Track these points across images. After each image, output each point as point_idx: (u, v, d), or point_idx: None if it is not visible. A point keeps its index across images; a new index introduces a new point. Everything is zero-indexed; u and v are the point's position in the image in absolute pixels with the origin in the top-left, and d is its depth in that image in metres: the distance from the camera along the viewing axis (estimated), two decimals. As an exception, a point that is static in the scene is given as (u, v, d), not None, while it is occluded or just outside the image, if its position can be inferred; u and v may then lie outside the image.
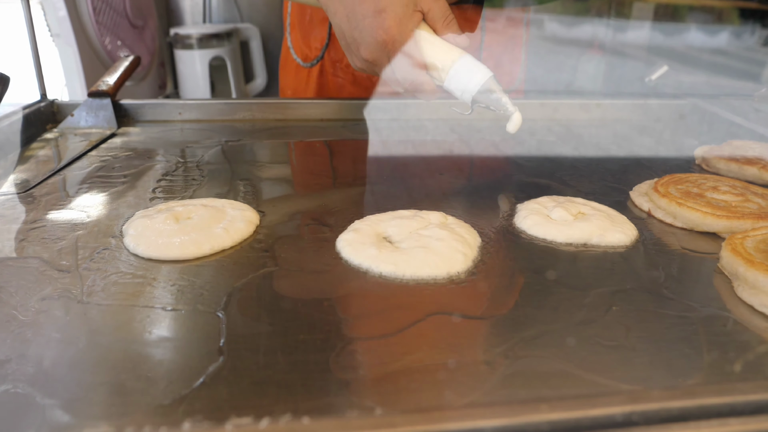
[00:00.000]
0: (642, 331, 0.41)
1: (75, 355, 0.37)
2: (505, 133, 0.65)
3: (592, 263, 0.50)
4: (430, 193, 0.67)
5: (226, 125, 0.94)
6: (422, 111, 0.98)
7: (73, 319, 0.40)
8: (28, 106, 0.87)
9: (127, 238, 0.51)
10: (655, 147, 0.89)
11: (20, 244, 0.51)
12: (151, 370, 0.35)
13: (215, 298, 0.43)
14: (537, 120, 0.99)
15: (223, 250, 0.50)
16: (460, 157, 0.79)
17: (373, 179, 0.72)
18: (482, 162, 0.82)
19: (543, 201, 0.61)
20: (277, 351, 0.37)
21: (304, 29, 1.14)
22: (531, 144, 0.87)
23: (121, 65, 0.99)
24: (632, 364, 0.37)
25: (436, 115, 0.98)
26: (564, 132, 0.93)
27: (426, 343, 0.38)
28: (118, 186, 0.65)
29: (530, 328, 0.40)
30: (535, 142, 0.88)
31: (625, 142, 0.90)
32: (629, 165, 0.79)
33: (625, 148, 0.88)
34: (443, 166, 0.76)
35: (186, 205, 0.56)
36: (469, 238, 0.51)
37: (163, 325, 0.40)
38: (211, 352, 0.37)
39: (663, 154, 0.85)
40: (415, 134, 0.91)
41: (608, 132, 0.95)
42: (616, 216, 0.57)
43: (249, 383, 0.34)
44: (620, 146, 0.88)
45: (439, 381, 0.35)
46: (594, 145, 0.88)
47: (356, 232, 0.52)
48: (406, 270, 0.46)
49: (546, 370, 0.36)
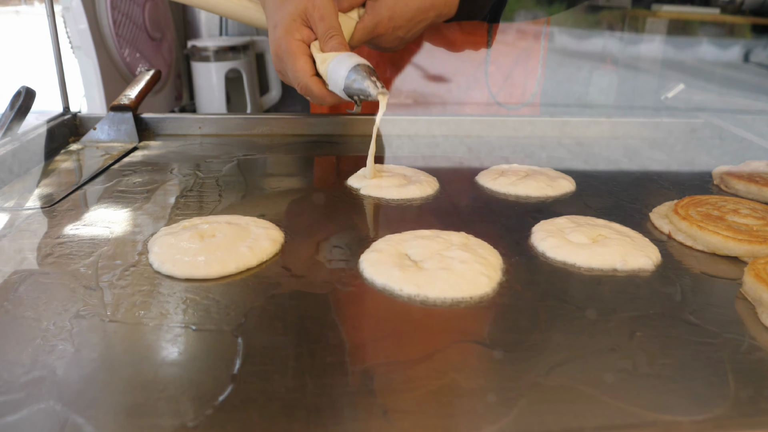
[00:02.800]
0: (666, 358, 0.41)
1: (107, 375, 0.37)
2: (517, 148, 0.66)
3: (614, 287, 0.50)
4: (446, 211, 0.67)
5: (244, 140, 0.95)
6: (433, 126, 0.99)
7: (104, 337, 0.41)
8: (52, 119, 0.88)
9: (152, 256, 0.52)
10: (671, 165, 0.89)
11: (47, 259, 0.52)
12: (181, 392, 0.36)
13: (240, 319, 0.44)
14: (549, 136, 0.99)
15: (248, 269, 0.51)
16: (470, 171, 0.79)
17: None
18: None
19: (561, 222, 0.61)
20: (305, 374, 0.38)
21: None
22: (542, 159, 0.87)
23: (142, 79, 1.00)
24: (658, 391, 0.37)
25: (448, 131, 0.99)
26: (576, 148, 0.94)
27: (452, 367, 0.39)
28: (140, 201, 0.66)
29: (555, 354, 0.40)
30: (546, 158, 0.89)
31: (638, 158, 0.90)
32: (644, 182, 0.80)
33: (638, 164, 0.88)
34: (456, 182, 0.77)
35: (210, 222, 0.57)
36: (492, 260, 0.51)
37: (191, 345, 0.40)
38: (239, 374, 0.37)
39: (679, 173, 0.85)
40: (426, 150, 0.92)
41: (621, 148, 0.95)
42: (638, 239, 0.57)
43: (279, 406, 0.35)
44: (634, 163, 0.88)
45: (467, 406, 0.35)
46: (607, 161, 0.88)
47: (378, 252, 0.52)
48: (430, 292, 0.47)
49: (573, 398, 0.36)
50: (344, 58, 0.69)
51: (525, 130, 1.00)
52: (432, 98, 1.11)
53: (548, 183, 0.73)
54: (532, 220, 0.63)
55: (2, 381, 0.36)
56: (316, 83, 0.73)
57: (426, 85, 1.11)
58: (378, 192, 0.69)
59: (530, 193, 0.71)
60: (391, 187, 0.70)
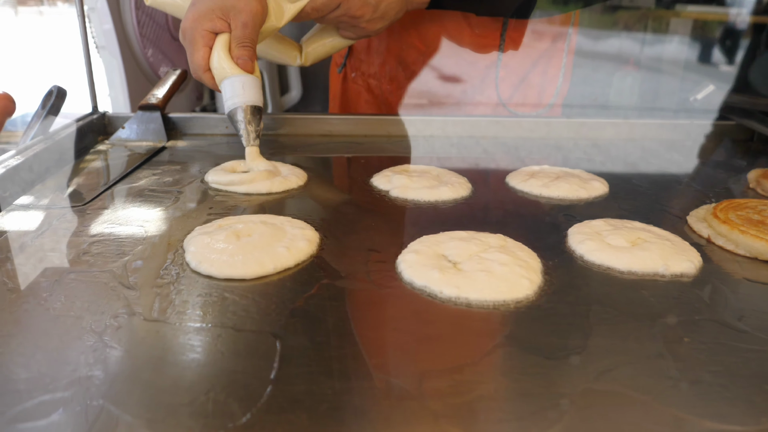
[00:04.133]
0: (717, 365, 0.40)
1: (152, 375, 0.37)
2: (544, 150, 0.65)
3: (657, 292, 0.49)
4: (478, 212, 0.67)
5: (269, 139, 0.95)
6: (464, 128, 0.98)
7: (146, 337, 0.41)
8: (81, 119, 0.89)
9: (189, 255, 0.52)
10: (703, 167, 0.88)
11: (83, 257, 0.52)
12: (227, 393, 0.35)
13: (281, 319, 0.43)
14: (575, 138, 0.98)
15: (285, 269, 0.50)
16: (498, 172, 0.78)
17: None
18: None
19: (597, 225, 0.60)
20: (351, 376, 0.37)
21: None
22: (569, 160, 0.87)
23: (169, 79, 1.01)
24: (710, 399, 0.37)
25: (479, 133, 0.98)
26: (605, 151, 0.93)
27: (499, 371, 0.38)
28: (172, 200, 0.66)
29: (603, 359, 0.40)
30: (575, 160, 0.88)
31: (668, 160, 0.89)
32: (676, 185, 0.78)
33: (669, 166, 0.87)
34: (485, 183, 0.76)
35: (245, 222, 0.57)
36: (532, 263, 0.51)
37: (234, 345, 0.40)
38: (284, 375, 0.37)
39: (712, 176, 0.84)
40: (456, 151, 0.91)
41: (649, 150, 0.94)
42: (678, 242, 0.56)
43: (327, 408, 0.34)
44: (664, 165, 0.87)
45: (517, 412, 0.35)
46: (637, 163, 0.87)
47: (416, 254, 0.52)
48: (471, 294, 0.46)
49: (624, 404, 0.36)
50: (239, 87, 0.71)
51: (541, 131, 0.99)
52: (438, 100, 1.11)
53: (581, 185, 0.72)
54: (567, 222, 0.62)
55: (49, 379, 0.36)
56: (209, 79, 0.75)
57: (433, 87, 1.10)
58: (409, 193, 0.68)
59: (563, 195, 0.70)
60: (422, 188, 0.69)
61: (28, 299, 0.45)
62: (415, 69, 1.09)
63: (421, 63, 1.08)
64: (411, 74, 1.10)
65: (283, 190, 0.70)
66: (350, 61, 1.18)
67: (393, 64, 1.11)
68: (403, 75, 1.10)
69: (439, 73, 1.08)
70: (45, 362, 0.38)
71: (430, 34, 1.05)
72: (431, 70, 1.09)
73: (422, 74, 1.09)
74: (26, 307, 0.44)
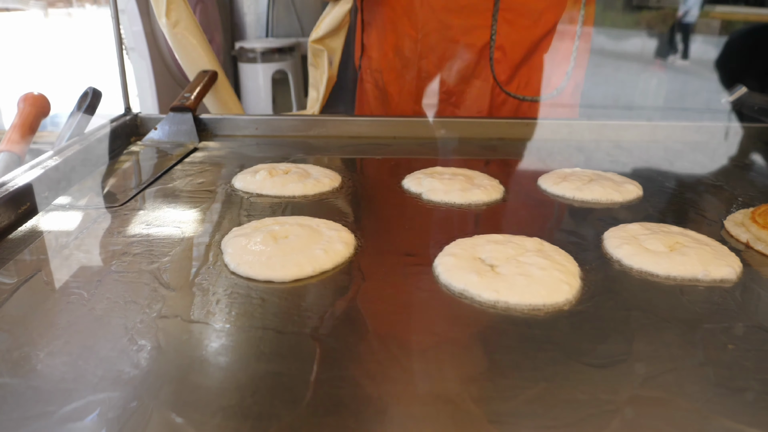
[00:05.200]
0: (764, 373, 0.39)
1: (198, 376, 0.37)
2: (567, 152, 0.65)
3: (698, 298, 0.49)
4: (512, 215, 0.67)
5: (299, 140, 0.95)
6: (490, 130, 0.98)
7: (189, 338, 0.41)
8: (115, 120, 0.90)
9: (227, 257, 0.52)
10: (736, 170, 0.87)
11: (123, 258, 0.53)
12: (273, 395, 0.36)
13: (321, 322, 0.43)
14: (599, 140, 0.98)
15: (323, 271, 0.51)
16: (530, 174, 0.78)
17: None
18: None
19: (634, 228, 0.60)
20: (393, 380, 0.37)
21: (357, 39, 1.21)
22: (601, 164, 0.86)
23: (200, 80, 1.02)
24: (759, 407, 0.36)
25: (507, 134, 0.98)
26: (633, 152, 0.92)
27: (543, 377, 0.38)
28: (207, 201, 0.67)
29: (648, 365, 0.39)
30: (608, 163, 0.87)
31: (697, 165, 0.88)
32: (711, 188, 0.77)
33: (702, 169, 0.86)
34: (517, 185, 0.76)
35: (281, 223, 0.57)
36: (570, 267, 0.50)
37: (276, 347, 0.41)
38: (327, 377, 0.37)
39: (747, 179, 0.83)
40: (484, 152, 0.91)
41: (680, 153, 0.92)
42: (717, 247, 0.56)
43: (373, 412, 0.34)
44: (697, 168, 0.86)
45: (566, 417, 0.35)
46: (669, 166, 0.86)
47: (453, 257, 0.52)
48: (510, 298, 0.46)
49: (672, 411, 0.35)
50: None
51: (562, 132, 0.99)
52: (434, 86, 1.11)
53: (615, 188, 0.71)
54: (602, 226, 0.62)
55: (97, 379, 0.37)
56: None
57: (428, 73, 1.11)
58: (441, 196, 0.68)
59: (597, 197, 0.70)
60: (455, 191, 0.69)
61: (70, 299, 0.46)
62: (411, 57, 1.10)
63: (415, 51, 1.09)
64: (407, 62, 1.11)
65: (316, 193, 0.70)
66: (363, 61, 1.21)
67: (390, 55, 1.13)
68: (399, 64, 1.11)
69: (434, 58, 1.09)
70: (92, 362, 0.38)
71: (420, 20, 1.06)
72: (425, 57, 1.09)
73: (417, 62, 1.10)
74: (70, 308, 0.45)
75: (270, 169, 0.74)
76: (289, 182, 0.70)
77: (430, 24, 1.07)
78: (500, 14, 1.06)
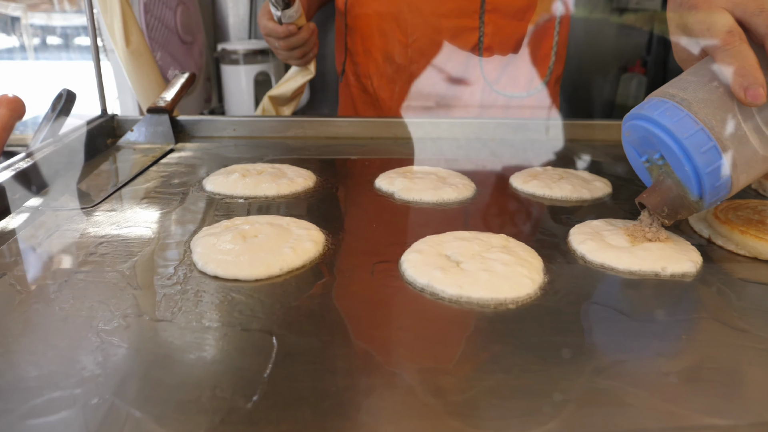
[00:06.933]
0: (714, 362, 0.40)
1: (161, 372, 0.38)
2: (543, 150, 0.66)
3: (658, 291, 0.50)
4: (482, 213, 0.67)
5: (278, 142, 0.96)
6: (471, 130, 0.99)
7: (154, 336, 0.42)
8: (91, 121, 0.90)
9: (195, 256, 0.53)
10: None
11: (91, 258, 0.53)
12: (234, 389, 0.36)
13: (286, 318, 0.44)
14: (575, 139, 0.99)
15: (292, 270, 0.51)
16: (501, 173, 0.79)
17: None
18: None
19: (598, 225, 0.61)
20: (354, 373, 0.38)
21: (337, 43, 1.22)
22: (572, 162, 0.87)
23: (177, 82, 1.02)
24: (710, 395, 0.37)
25: (481, 133, 0.99)
26: (609, 152, 0.93)
27: (500, 369, 0.39)
28: (179, 202, 0.67)
29: (602, 357, 0.40)
30: (577, 161, 0.88)
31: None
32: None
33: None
34: (488, 184, 0.77)
35: (251, 222, 0.58)
36: (534, 263, 0.51)
37: (240, 343, 0.41)
38: (289, 372, 0.38)
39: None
40: (462, 152, 0.92)
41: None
42: (680, 242, 0.57)
43: (331, 405, 0.35)
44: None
45: (517, 409, 0.35)
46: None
47: (419, 253, 0.53)
48: (473, 293, 0.47)
49: (623, 401, 0.36)
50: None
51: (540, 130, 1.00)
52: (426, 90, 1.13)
53: (584, 186, 0.72)
54: (570, 222, 0.63)
55: (59, 377, 0.37)
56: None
57: (419, 78, 1.12)
58: (413, 195, 0.69)
59: (566, 195, 0.71)
60: (426, 189, 0.70)
61: (37, 299, 0.46)
62: (401, 62, 1.11)
63: (405, 56, 1.10)
64: (397, 68, 1.12)
65: (290, 193, 0.70)
66: (348, 66, 1.21)
67: (381, 61, 1.13)
68: (390, 70, 1.12)
69: (424, 62, 1.10)
70: (55, 360, 0.39)
71: (410, 25, 1.07)
72: (416, 61, 1.11)
73: (408, 66, 1.11)
74: (36, 307, 0.45)
75: (243, 170, 0.74)
76: (262, 182, 0.71)
77: (420, 29, 1.08)
78: (486, 15, 1.07)
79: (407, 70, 1.12)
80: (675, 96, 0.51)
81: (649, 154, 0.56)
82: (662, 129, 0.51)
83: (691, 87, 0.51)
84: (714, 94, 0.50)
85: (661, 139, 0.51)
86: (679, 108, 0.50)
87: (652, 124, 0.52)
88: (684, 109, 0.50)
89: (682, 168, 0.51)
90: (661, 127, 0.51)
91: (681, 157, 0.50)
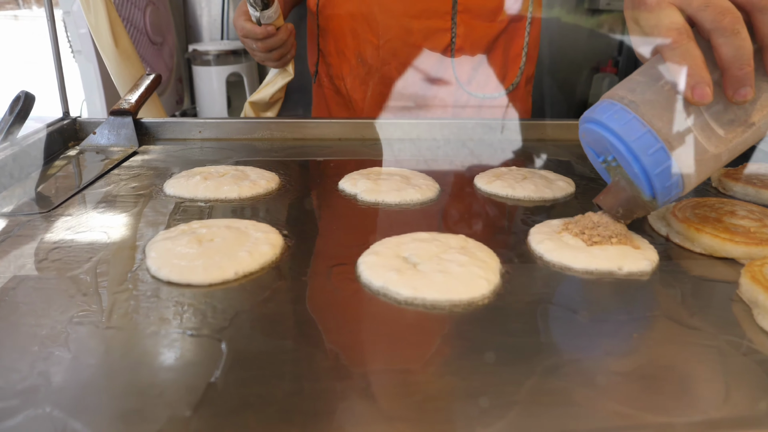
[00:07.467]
0: (664, 360, 0.41)
1: (104, 381, 0.37)
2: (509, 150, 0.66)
3: (612, 290, 0.50)
4: (444, 214, 0.67)
5: (245, 144, 0.95)
6: (435, 130, 0.99)
7: (101, 343, 0.41)
8: (51, 124, 0.88)
9: (149, 261, 0.52)
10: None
11: (43, 264, 0.52)
12: (179, 397, 0.36)
13: (238, 323, 0.44)
14: (544, 139, 1.00)
15: (247, 274, 0.51)
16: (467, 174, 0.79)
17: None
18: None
19: (557, 224, 0.61)
20: (302, 378, 0.38)
21: (309, 44, 1.22)
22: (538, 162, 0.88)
23: (142, 83, 1.01)
24: (655, 393, 0.37)
25: (450, 134, 0.99)
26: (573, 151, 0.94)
27: (450, 371, 0.39)
28: (139, 206, 0.66)
29: (552, 357, 0.40)
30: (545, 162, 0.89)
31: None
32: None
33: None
34: (453, 184, 0.77)
35: (209, 226, 0.57)
36: (491, 263, 0.51)
37: (188, 350, 0.41)
38: (236, 378, 0.37)
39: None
40: (428, 153, 0.92)
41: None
42: (637, 240, 0.57)
43: (275, 411, 0.35)
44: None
45: (464, 410, 0.35)
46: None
47: (376, 255, 0.52)
48: (427, 294, 0.47)
49: (569, 400, 0.36)
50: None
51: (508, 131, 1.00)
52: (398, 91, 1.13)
53: (547, 185, 0.73)
54: (531, 222, 0.63)
55: None
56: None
57: (392, 78, 1.12)
58: (375, 196, 0.69)
59: (529, 195, 0.71)
60: (389, 191, 0.70)
61: (-16, 307, 0.45)
62: (373, 63, 1.11)
63: (377, 57, 1.10)
64: (369, 69, 1.12)
65: (252, 195, 0.70)
66: (321, 67, 1.21)
67: (353, 62, 1.13)
68: (363, 71, 1.12)
69: (396, 63, 1.10)
70: (-2, 370, 0.38)
71: (382, 26, 1.07)
72: (388, 63, 1.10)
73: (380, 68, 1.11)
74: (-18, 315, 0.44)
75: (205, 172, 0.73)
76: (223, 185, 0.70)
77: (392, 30, 1.08)
78: (459, 16, 1.07)
79: (379, 72, 1.12)
80: (624, 98, 0.52)
81: (605, 156, 0.56)
82: (611, 132, 0.52)
83: (639, 88, 0.52)
84: (661, 94, 0.50)
85: (611, 142, 0.52)
86: (627, 111, 0.51)
87: (601, 128, 0.53)
88: (632, 111, 0.50)
89: (632, 170, 0.52)
90: (610, 131, 0.52)
91: (630, 160, 0.51)
